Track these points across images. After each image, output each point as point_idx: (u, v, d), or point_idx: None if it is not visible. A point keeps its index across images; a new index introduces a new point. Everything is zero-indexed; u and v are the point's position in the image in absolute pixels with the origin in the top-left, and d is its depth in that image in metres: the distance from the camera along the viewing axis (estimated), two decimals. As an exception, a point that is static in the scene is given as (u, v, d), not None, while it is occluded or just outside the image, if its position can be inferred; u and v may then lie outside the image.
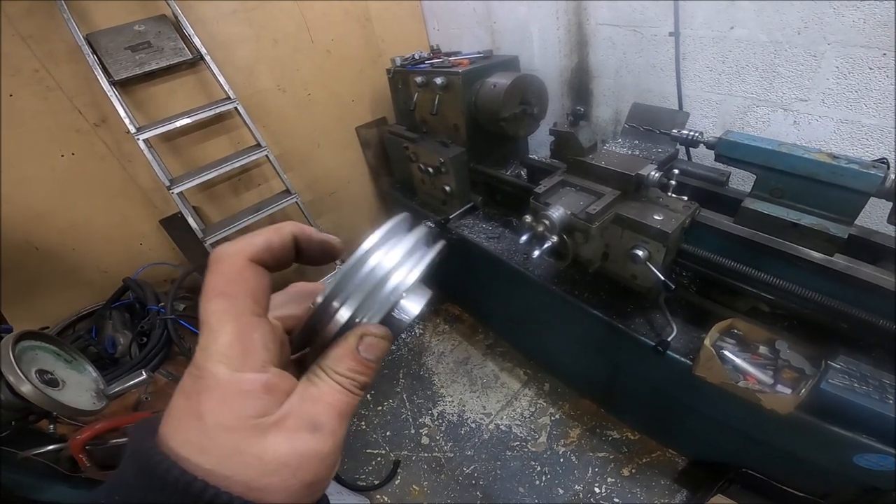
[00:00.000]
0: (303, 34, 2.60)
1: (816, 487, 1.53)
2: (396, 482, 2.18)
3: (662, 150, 1.70)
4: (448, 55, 2.46)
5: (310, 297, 0.38)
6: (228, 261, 0.31)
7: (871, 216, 1.58)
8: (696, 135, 1.49)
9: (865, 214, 1.29)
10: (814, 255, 1.31)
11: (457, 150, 2.26)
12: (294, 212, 2.69)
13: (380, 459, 2.28)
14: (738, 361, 1.43)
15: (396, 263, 0.34)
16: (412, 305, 0.36)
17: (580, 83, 2.48)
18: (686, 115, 1.80)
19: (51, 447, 1.30)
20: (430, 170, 2.38)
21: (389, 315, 0.35)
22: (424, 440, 2.34)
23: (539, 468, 2.13)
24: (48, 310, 2.20)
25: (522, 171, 2.38)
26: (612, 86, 2.35)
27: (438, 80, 2.16)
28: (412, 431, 2.39)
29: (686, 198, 1.49)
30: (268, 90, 2.59)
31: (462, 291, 2.94)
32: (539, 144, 2.66)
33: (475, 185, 2.41)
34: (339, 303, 0.33)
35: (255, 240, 0.32)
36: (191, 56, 2.16)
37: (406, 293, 0.34)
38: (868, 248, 1.36)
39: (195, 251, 2.44)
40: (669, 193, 1.50)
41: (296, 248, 0.35)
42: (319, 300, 0.33)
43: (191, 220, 2.23)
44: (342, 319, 0.33)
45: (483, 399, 2.49)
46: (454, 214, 2.38)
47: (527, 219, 1.52)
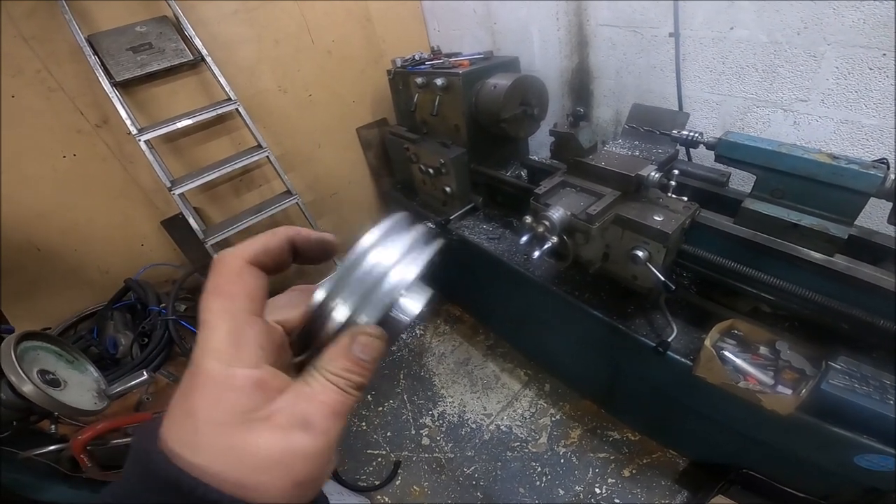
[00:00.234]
0: (304, 35, 2.61)
1: (817, 488, 1.53)
2: (397, 483, 2.18)
3: (662, 151, 1.70)
4: (448, 56, 2.46)
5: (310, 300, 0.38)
6: (227, 263, 0.32)
7: (872, 216, 1.58)
8: (696, 135, 1.49)
9: (865, 215, 1.29)
10: (814, 256, 1.31)
11: (457, 151, 2.26)
12: (295, 213, 2.69)
13: (380, 460, 2.28)
14: (739, 362, 1.43)
15: (394, 262, 0.34)
16: (412, 304, 0.36)
17: (580, 84, 2.48)
18: (686, 116, 1.80)
19: (52, 447, 1.31)
20: (431, 171, 2.38)
21: (388, 314, 0.34)
22: (425, 441, 2.34)
23: (539, 469, 2.13)
24: (50, 310, 2.20)
25: (523, 172, 2.38)
26: (613, 86, 2.35)
27: (439, 81, 2.17)
28: (413, 432, 2.40)
29: (686, 198, 1.49)
30: (269, 91, 2.60)
31: (463, 292, 2.94)
32: (539, 145, 2.66)
33: (476, 186, 2.42)
34: (336, 302, 0.33)
35: (253, 243, 0.33)
36: (192, 57, 2.16)
37: (405, 292, 0.34)
38: (868, 249, 1.36)
39: (196, 252, 2.44)
40: (669, 194, 1.50)
41: (293, 249, 0.36)
42: (316, 301, 0.33)
43: (192, 221, 2.24)
44: (339, 319, 0.33)
45: (484, 400, 2.49)
46: (455, 215, 2.38)
47: (527, 219, 1.52)
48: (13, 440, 1.23)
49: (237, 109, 2.29)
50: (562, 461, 2.14)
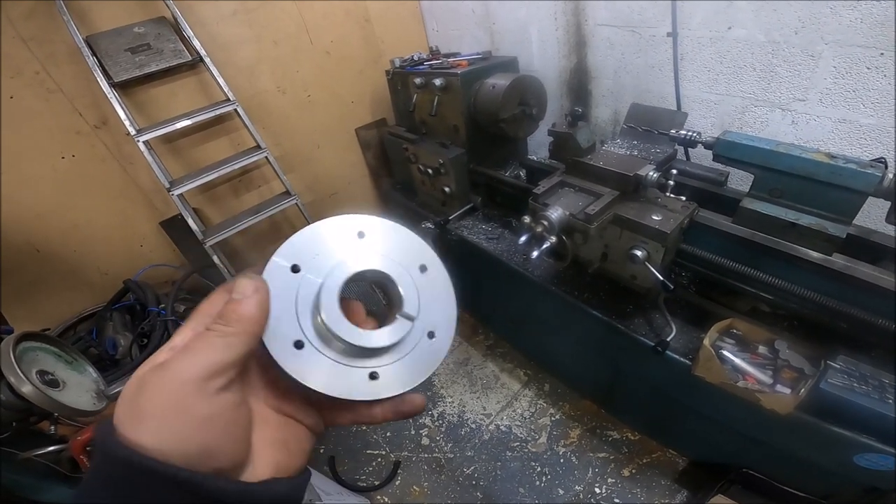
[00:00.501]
0: (302, 35, 2.61)
1: (817, 487, 1.53)
2: (397, 483, 2.18)
3: (661, 151, 1.71)
4: (447, 56, 2.47)
5: None
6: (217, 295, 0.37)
7: (870, 216, 1.58)
8: (695, 135, 1.49)
9: (864, 214, 1.29)
10: (812, 255, 1.31)
11: (456, 151, 2.27)
12: (294, 213, 2.69)
13: (380, 460, 2.28)
14: (738, 361, 1.43)
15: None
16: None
17: (579, 84, 2.48)
18: (684, 116, 1.80)
19: (51, 448, 1.31)
20: (430, 171, 2.38)
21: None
22: (425, 441, 2.34)
23: (539, 469, 2.13)
24: (49, 311, 2.20)
25: (521, 172, 2.38)
26: (611, 86, 2.35)
27: (437, 82, 2.17)
28: (412, 432, 2.40)
29: (684, 198, 1.49)
30: (268, 91, 2.60)
31: (462, 292, 2.92)
32: (538, 145, 2.66)
33: (475, 186, 2.42)
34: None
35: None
36: (191, 58, 2.16)
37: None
38: (867, 248, 1.36)
39: (195, 253, 2.44)
40: (668, 194, 1.50)
41: None
42: None
43: (191, 222, 2.24)
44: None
45: (483, 400, 2.49)
46: (454, 215, 2.38)
47: (526, 219, 1.52)
48: (13, 441, 1.23)
49: (236, 110, 2.29)
50: (561, 461, 2.14)
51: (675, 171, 1.52)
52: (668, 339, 1.53)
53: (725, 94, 1.92)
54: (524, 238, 1.52)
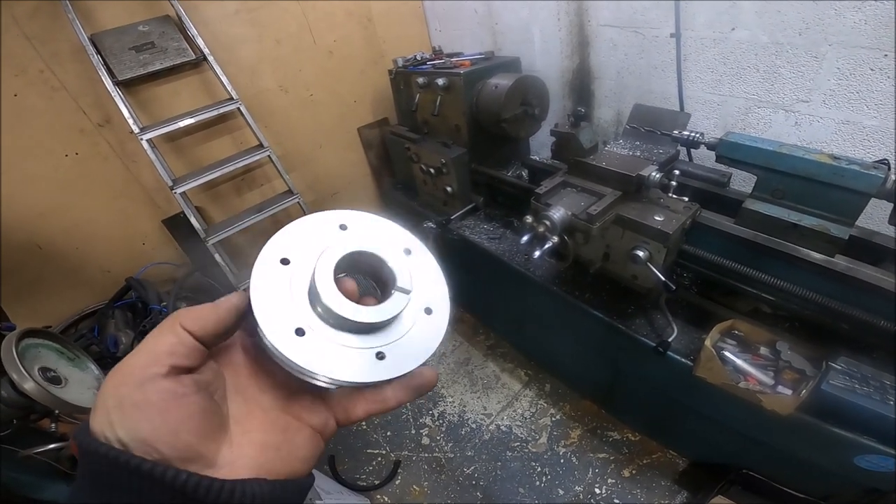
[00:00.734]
0: (305, 34, 2.61)
1: (817, 489, 1.53)
2: (397, 482, 2.18)
3: (663, 151, 1.70)
4: (450, 56, 2.47)
5: None
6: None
7: (873, 217, 1.58)
8: (697, 136, 1.49)
9: (866, 215, 1.29)
10: (815, 256, 1.31)
11: (458, 151, 2.27)
12: (296, 212, 2.69)
13: (380, 459, 2.28)
14: (739, 362, 1.43)
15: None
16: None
17: (581, 84, 2.48)
18: (687, 116, 1.80)
19: (52, 446, 1.30)
20: (432, 170, 2.38)
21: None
22: (425, 440, 2.34)
23: (539, 469, 2.13)
24: (51, 309, 2.21)
25: (524, 172, 2.38)
26: (614, 87, 2.35)
27: (440, 81, 2.17)
28: (413, 432, 2.40)
29: (687, 199, 1.49)
30: (270, 90, 2.60)
31: (463, 292, 2.94)
32: (540, 145, 2.67)
33: (476, 186, 2.42)
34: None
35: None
36: (194, 56, 2.17)
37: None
38: (869, 249, 1.36)
39: (197, 251, 2.45)
40: (670, 194, 1.51)
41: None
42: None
43: (193, 220, 2.24)
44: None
45: (484, 399, 2.49)
46: (455, 215, 2.38)
47: (528, 219, 1.52)
48: (13, 439, 1.24)
49: (239, 109, 2.29)
50: (562, 461, 2.14)
51: (678, 172, 1.52)
52: (670, 340, 1.53)
53: (728, 95, 1.92)
54: (526, 238, 1.53)
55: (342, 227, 0.43)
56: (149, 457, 0.30)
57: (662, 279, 1.41)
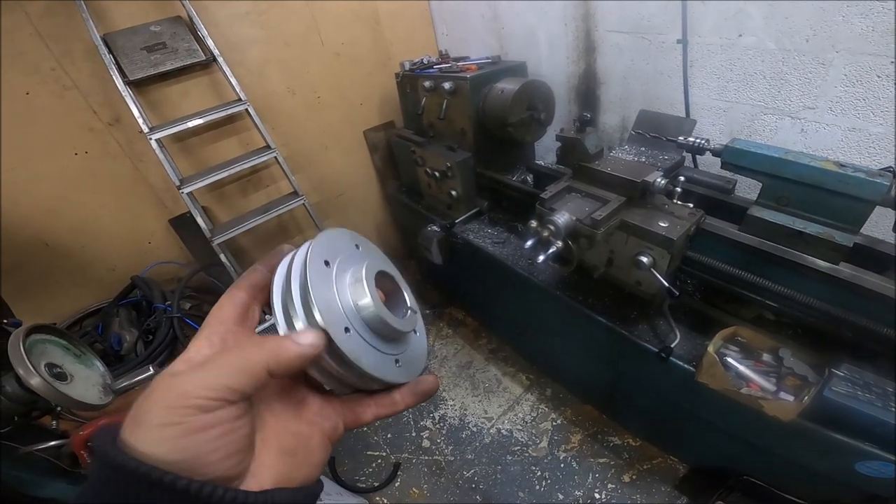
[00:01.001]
0: (313, 36, 2.63)
1: (817, 495, 1.52)
2: (396, 484, 2.18)
3: (668, 157, 1.70)
4: (456, 60, 2.48)
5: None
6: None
7: (878, 225, 1.57)
8: (703, 142, 1.49)
9: (871, 223, 1.28)
10: (819, 264, 1.31)
11: (463, 155, 2.27)
12: (301, 213, 2.71)
13: (380, 461, 2.29)
14: (742, 368, 1.43)
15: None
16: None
17: (587, 89, 2.49)
18: (693, 123, 1.80)
19: (52, 443, 1.30)
20: (437, 174, 2.39)
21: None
22: (425, 443, 2.34)
23: (539, 473, 2.13)
24: (56, 306, 2.23)
25: (529, 177, 2.39)
26: (620, 92, 2.35)
27: (447, 85, 2.18)
28: (413, 434, 2.40)
29: (692, 205, 1.49)
30: (278, 92, 2.62)
31: (466, 296, 2.95)
32: (546, 150, 2.67)
33: (481, 190, 2.43)
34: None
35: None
36: (204, 57, 2.19)
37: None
38: (873, 257, 1.35)
39: (203, 251, 2.46)
40: (675, 200, 1.51)
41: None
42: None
43: (199, 220, 2.25)
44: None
45: (485, 403, 2.49)
46: (460, 219, 2.39)
47: (532, 224, 1.52)
48: (13, 436, 1.23)
49: (247, 110, 2.30)
50: (562, 466, 2.14)
51: (683, 178, 1.53)
52: (672, 346, 1.53)
53: (735, 102, 1.92)
54: (530, 242, 1.53)
55: (356, 247, 0.48)
56: (197, 478, 0.30)
57: (666, 285, 1.41)
